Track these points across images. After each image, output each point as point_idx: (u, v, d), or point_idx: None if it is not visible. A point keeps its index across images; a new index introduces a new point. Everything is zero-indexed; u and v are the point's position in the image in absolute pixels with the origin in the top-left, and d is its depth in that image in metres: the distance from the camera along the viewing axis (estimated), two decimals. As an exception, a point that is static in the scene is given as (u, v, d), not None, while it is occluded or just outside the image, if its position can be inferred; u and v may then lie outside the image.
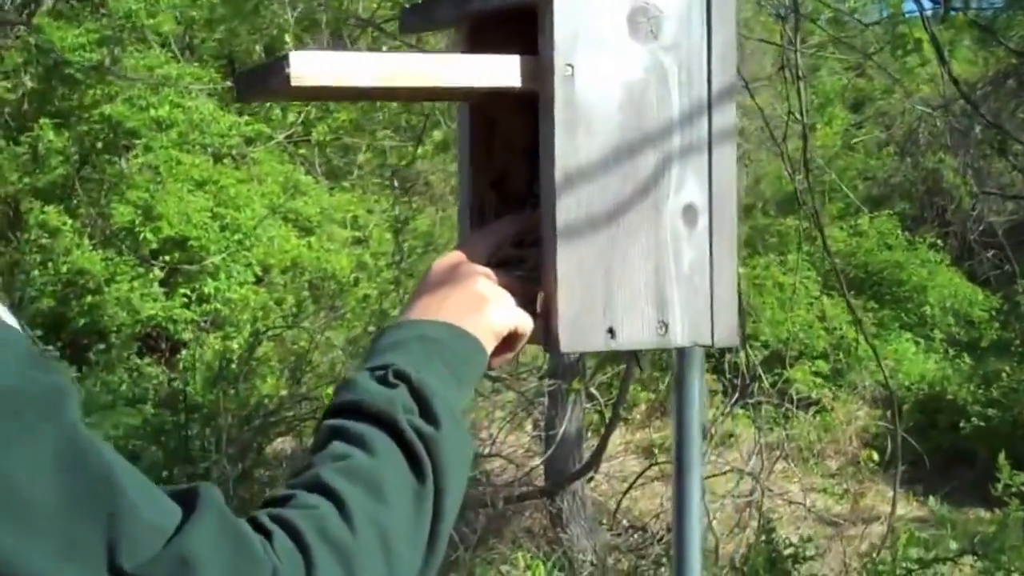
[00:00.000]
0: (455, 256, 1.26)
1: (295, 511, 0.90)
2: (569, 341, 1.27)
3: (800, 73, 5.77)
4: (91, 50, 8.95)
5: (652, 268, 1.29)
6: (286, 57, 1.08)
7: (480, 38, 1.34)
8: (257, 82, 1.15)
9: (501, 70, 1.22)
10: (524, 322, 1.23)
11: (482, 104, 1.37)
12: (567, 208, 1.24)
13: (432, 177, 9.66)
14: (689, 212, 1.31)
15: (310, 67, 1.09)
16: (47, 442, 0.75)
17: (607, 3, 1.24)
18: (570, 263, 1.25)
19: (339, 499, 0.92)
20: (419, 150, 6.35)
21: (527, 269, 1.32)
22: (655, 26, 1.27)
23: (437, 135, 5.88)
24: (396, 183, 7.11)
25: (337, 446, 0.99)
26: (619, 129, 1.26)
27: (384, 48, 6.69)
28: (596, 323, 1.27)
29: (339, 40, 6.64)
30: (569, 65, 1.22)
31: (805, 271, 11.18)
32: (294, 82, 1.08)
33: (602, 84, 1.24)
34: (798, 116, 5.59)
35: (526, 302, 1.29)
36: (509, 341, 1.23)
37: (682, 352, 1.46)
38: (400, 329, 1.14)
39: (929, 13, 5.33)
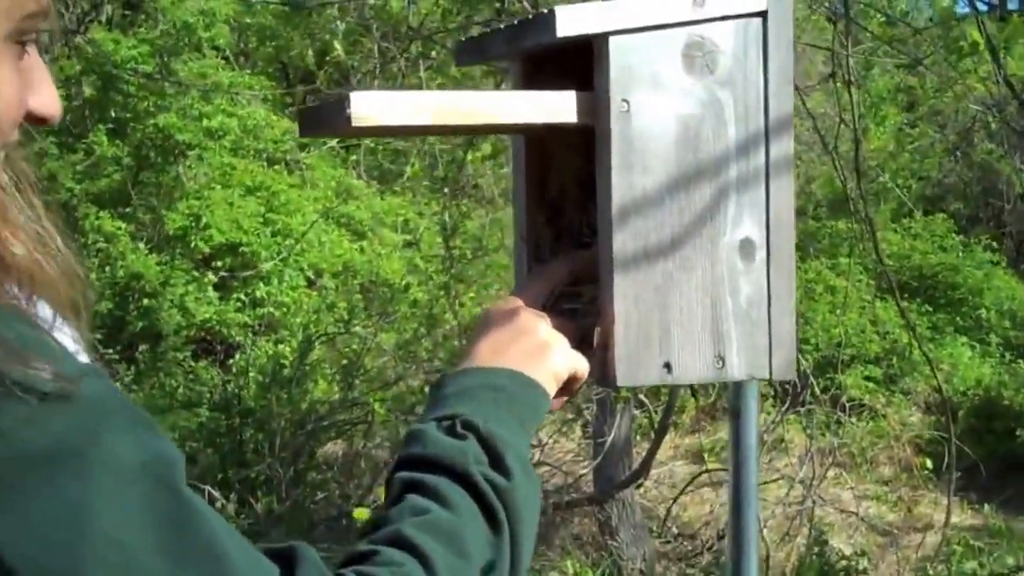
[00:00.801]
0: (512, 301, 1.26)
1: (382, 568, 0.91)
2: (625, 376, 1.27)
3: (851, 78, 5.72)
4: (143, 61, 9.04)
5: (709, 302, 1.29)
6: (347, 97, 1.09)
7: (535, 72, 1.34)
8: (319, 121, 1.17)
9: (557, 106, 1.22)
10: (583, 366, 1.23)
11: (537, 138, 1.37)
12: (623, 243, 1.24)
13: (481, 180, 9.67)
14: (746, 246, 1.30)
15: (370, 107, 1.10)
16: (159, 509, 0.78)
17: (662, 39, 1.23)
18: (626, 298, 1.25)
19: (423, 555, 0.93)
20: (468, 156, 6.36)
21: (583, 304, 1.32)
22: (711, 61, 1.26)
23: (486, 147, 5.90)
24: (446, 188, 7.14)
25: (414, 500, 0.99)
26: (675, 164, 1.26)
27: (432, 53, 6.71)
28: (652, 358, 1.27)
29: (388, 48, 6.67)
30: (625, 101, 1.22)
31: (858, 274, 11.07)
32: (355, 122, 1.10)
33: (658, 119, 1.24)
34: (849, 122, 5.54)
35: (581, 337, 1.29)
36: (568, 384, 1.23)
37: (739, 385, 1.45)
38: (465, 377, 1.14)
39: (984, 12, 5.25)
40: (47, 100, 0.89)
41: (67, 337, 0.87)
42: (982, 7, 5.06)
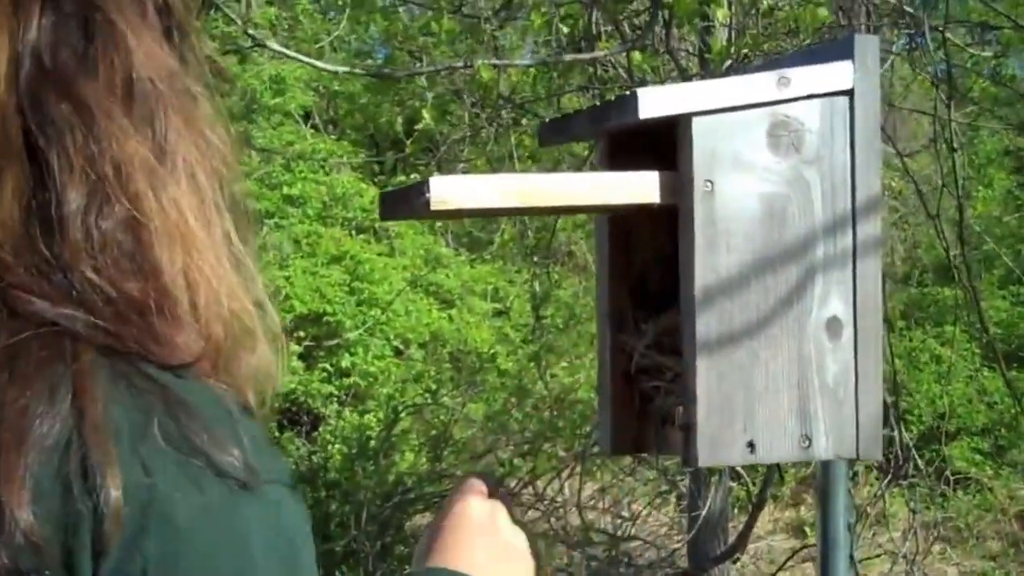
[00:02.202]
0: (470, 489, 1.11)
1: None
2: (708, 455, 1.26)
3: (955, 144, 5.65)
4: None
5: (795, 382, 1.28)
6: (426, 182, 1.11)
7: (620, 150, 1.35)
8: (400, 204, 1.19)
9: (639, 187, 1.22)
10: None
11: (621, 216, 1.37)
12: (707, 323, 1.24)
13: (575, 247, 9.68)
14: (833, 325, 1.29)
15: (449, 191, 1.12)
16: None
17: (747, 119, 1.24)
18: (710, 377, 1.24)
19: None
20: (559, 224, 6.38)
21: (665, 382, 1.32)
22: (796, 140, 1.26)
23: (577, 215, 5.92)
24: (536, 256, 7.16)
25: None
26: (761, 243, 1.25)
27: (524, 121, 6.77)
28: (736, 437, 1.26)
29: (478, 116, 6.75)
30: (709, 181, 1.23)
31: (964, 343, 10.82)
32: (434, 206, 1.11)
33: (742, 199, 1.24)
34: (952, 190, 5.45)
35: (663, 416, 1.28)
36: None
37: (826, 464, 1.43)
38: None
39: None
40: None
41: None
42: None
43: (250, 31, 5.63)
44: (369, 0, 7.59)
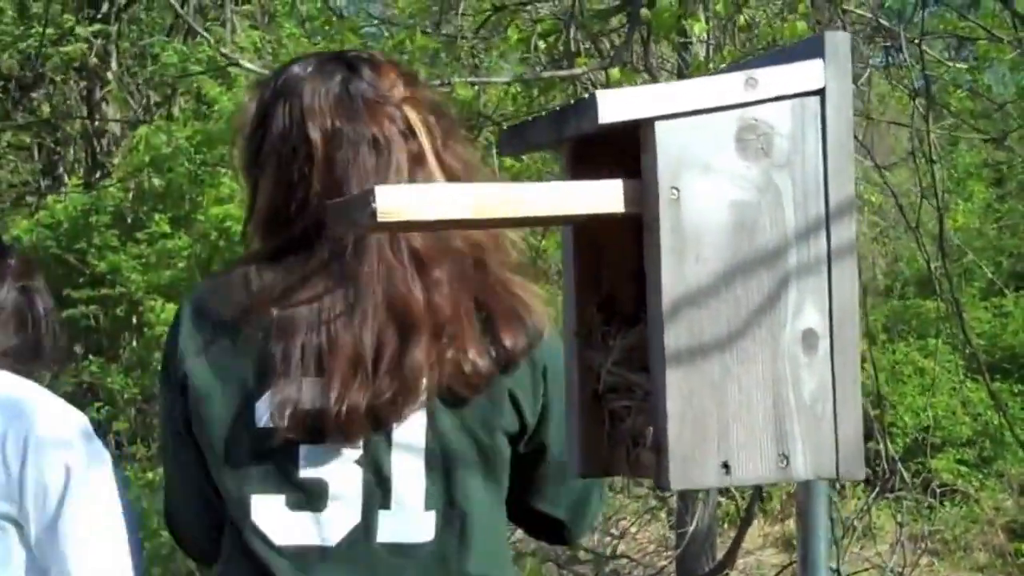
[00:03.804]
0: None
1: None
2: (680, 478, 1.19)
3: (933, 156, 5.62)
4: (198, 150, 9.03)
5: (770, 398, 1.21)
6: (372, 191, 1.04)
7: (581, 158, 1.29)
8: (344, 215, 1.12)
9: (602, 196, 1.16)
10: None
11: (587, 227, 1.31)
12: (676, 337, 1.18)
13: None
14: (809, 337, 1.23)
15: (398, 201, 1.05)
16: None
17: (713, 122, 1.18)
18: (681, 395, 1.18)
19: None
20: (543, 243, 6.33)
21: (635, 401, 1.26)
22: (766, 143, 1.20)
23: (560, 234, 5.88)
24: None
25: None
26: (731, 252, 1.19)
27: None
28: (710, 458, 1.20)
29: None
30: (675, 188, 1.16)
31: (947, 355, 10.82)
32: (381, 218, 1.04)
33: (711, 206, 1.18)
34: (932, 201, 5.42)
35: (634, 438, 1.22)
36: None
37: (806, 484, 1.37)
38: None
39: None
40: None
41: None
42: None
43: (223, 50, 5.57)
44: (350, 21, 7.54)
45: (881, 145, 9.31)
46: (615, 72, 5.04)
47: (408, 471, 1.68)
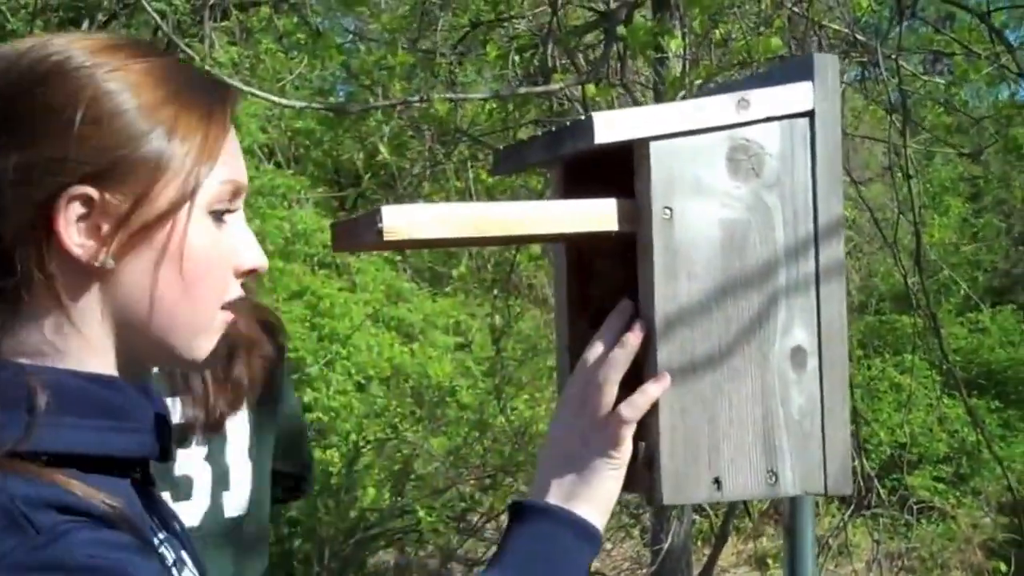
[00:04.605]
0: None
1: None
2: (672, 493, 1.21)
3: (910, 172, 5.66)
4: None
5: (760, 414, 1.23)
6: (378, 211, 1.06)
7: (575, 178, 1.31)
8: (351, 234, 1.14)
9: (596, 215, 1.18)
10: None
11: (578, 246, 1.33)
12: (668, 355, 1.19)
13: (535, 280, 9.64)
14: (798, 354, 1.25)
15: (402, 221, 1.07)
16: None
17: (706, 143, 1.20)
18: (673, 411, 1.20)
19: None
20: (517, 256, 6.35)
21: None
22: (756, 164, 1.22)
23: (536, 248, 5.89)
24: (496, 289, 7.12)
25: None
26: (722, 271, 1.21)
27: (481, 156, 6.74)
28: (701, 473, 1.21)
29: (436, 150, 6.72)
30: (668, 208, 1.18)
31: (923, 371, 10.86)
32: (387, 236, 1.07)
33: (702, 226, 1.20)
34: (909, 217, 5.45)
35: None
36: None
37: (793, 500, 1.39)
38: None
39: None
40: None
41: None
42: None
43: (203, 67, 5.56)
44: (327, 36, 7.56)
45: (855, 160, 9.38)
46: (591, 88, 5.07)
47: (238, 460, 2.11)
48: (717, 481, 1.22)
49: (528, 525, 1.19)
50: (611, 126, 1.16)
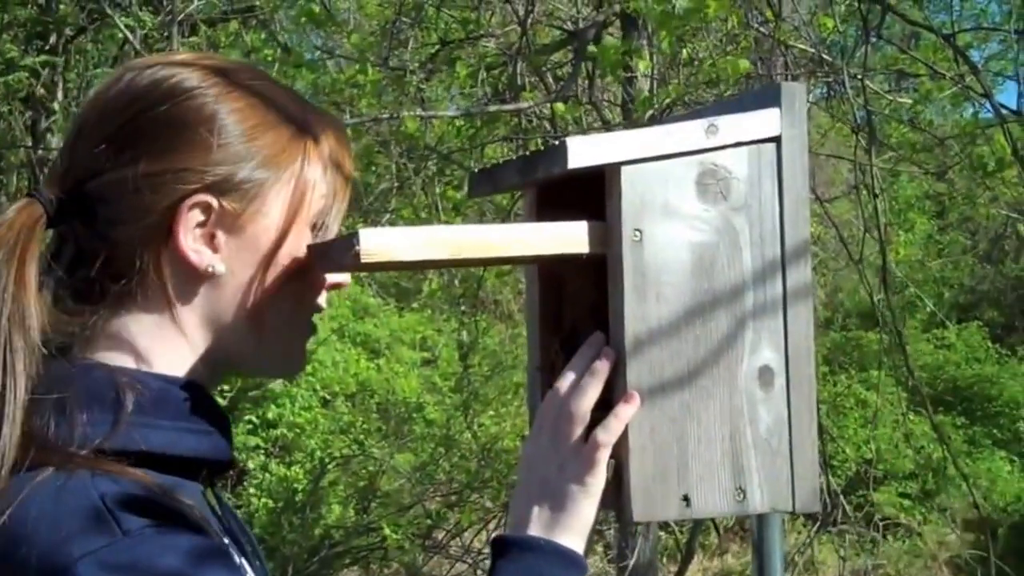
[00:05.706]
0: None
1: None
2: (642, 511, 1.23)
3: (875, 190, 5.72)
4: None
5: (728, 433, 1.25)
6: (356, 234, 1.08)
7: (547, 201, 1.33)
8: (328, 256, 1.15)
9: (568, 237, 1.20)
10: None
11: (550, 268, 1.35)
12: (638, 375, 1.21)
13: (500, 296, 9.67)
14: (765, 374, 1.27)
15: (379, 244, 1.09)
16: None
17: (675, 167, 1.22)
18: (642, 430, 1.22)
19: None
20: (484, 273, 6.37)
21: None
22: (725, 188, 1.25)
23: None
24: (463, 305, 7.13)
25: None
26: (690, 292, 1.23)
27: (448, 172, 6.75)
28: (670, 491, 1.23)
29: (405, 166, 6.73)
30: (637, 231, 1.21)
31: (890, 387, 10.94)
32: (364, 259, 1.09)
33: (671, 248, 1.22)
34: (875, 234, 5.51)
35: None
36: None
37: (761, 518, 1.41)
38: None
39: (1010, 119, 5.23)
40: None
41: None
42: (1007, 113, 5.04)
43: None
44: (296, 54, 7.56)
45: (820, 177, 9.45)
46: (560, 106, 5.11)
47: None
48: (686, 499, 1.24)
49: (514, 561, 1.19)
50: (584, 151, 1.18)
